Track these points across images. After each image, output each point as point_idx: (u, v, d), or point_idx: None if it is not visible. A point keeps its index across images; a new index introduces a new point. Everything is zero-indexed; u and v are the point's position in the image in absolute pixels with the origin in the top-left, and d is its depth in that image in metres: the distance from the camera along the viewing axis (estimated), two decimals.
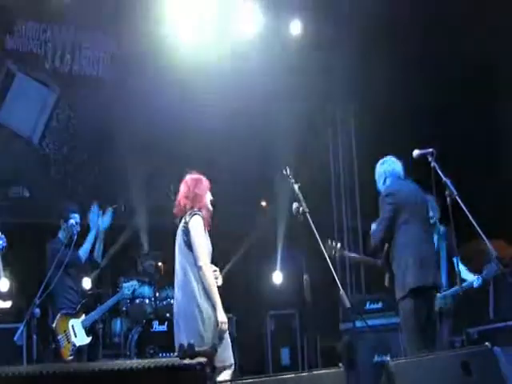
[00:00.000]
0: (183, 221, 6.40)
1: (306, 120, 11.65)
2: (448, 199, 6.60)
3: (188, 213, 6.41)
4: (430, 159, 6.68)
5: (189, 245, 6.28)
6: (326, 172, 12.85)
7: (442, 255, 8.35)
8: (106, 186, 10.92)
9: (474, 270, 8.49)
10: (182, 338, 6.07)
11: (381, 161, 7.36)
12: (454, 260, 7.76)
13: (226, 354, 6.15)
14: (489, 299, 9.37)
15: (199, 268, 6.17)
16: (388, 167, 7.26)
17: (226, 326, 6.19)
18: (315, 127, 12.27)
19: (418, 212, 7.12)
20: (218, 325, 6.11)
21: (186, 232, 6.31)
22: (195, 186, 6.54)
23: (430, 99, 10.80)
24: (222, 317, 6.14)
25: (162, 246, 10.63)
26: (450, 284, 8.27)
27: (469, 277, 8.37)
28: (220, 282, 6.40)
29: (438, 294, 7.86)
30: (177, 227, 6.55)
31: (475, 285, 8.25)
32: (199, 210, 6.44)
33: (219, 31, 10.82)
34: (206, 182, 6.64)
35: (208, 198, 6.60)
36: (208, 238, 6.44)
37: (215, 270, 6.40)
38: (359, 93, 11.93)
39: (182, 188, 6.60)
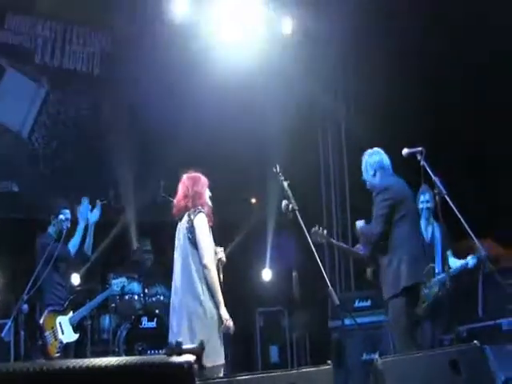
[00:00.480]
0: (186, 219, 6.36)
1: (297, 117, 11.64)
2: (437, 198, 6.61)
3: (191, 211, 6.38)
4: (419, 158, 6.67)
5: (194, 243, 6.26)
6: (316, 168, 12.83)
7: (436, 243, 8.30)
8: (95, 182, 10.87)
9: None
10: (180, 335, 6.05)
11: (370, 151, 7.26)
12: (448, 253, 7.84)
13: (218, 354, 6.13)
14: (478, 298, 9.38)
15: (204, 266, 6.16)
16: (378, 159, 7.17)
17: (231, 322, 6.20)
18: (305, 124, 12.25)
19: (411, 208, 7.13)
20: (222, 323, 6.13)
21: (191, 230, 6.28)
22: (193, 185, 6.50)
23: (421, 98, 10.79)
24: (225, 314, 6.16)
25: (151, 241, 10.64)
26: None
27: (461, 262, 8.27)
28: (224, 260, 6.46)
29: (433, 279, 7.89)
30: (174, 225, 6.54)
31: (471, 264, 8.10)
32: (201, 207, 6.43)
33: (211, 28, 10.83)
34: (203, 179, 6.61)
35: (207, 194, 6.58)
36: (211, 235, 6.44)
37: (217, 253, 6.42)
38: (350, 90, 11.94)
39: (181, 188, 6.56)
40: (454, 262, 8.26)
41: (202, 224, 6.31)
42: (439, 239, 8.24)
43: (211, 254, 6.29)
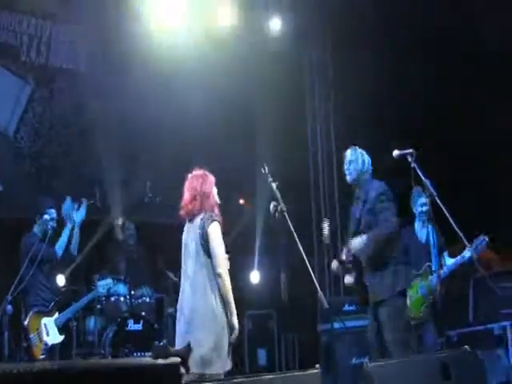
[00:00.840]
0: (199, 224, 6.28)
1: (286, 116, 11.64)
2: (428, 200, 6.62)
3: (204, 215, 6.30)
4: (410, 160, 6.64)
5: (207, 251, 6.21)
6: (305, 169, 12.82)
7: (432, 245, 8.26)
8: (81, 181, 10.85)
9: None
10: (189, 340, 5.98)
11: (361, 150, 7.30)
12: (444, 254, 7.85)
13: (227, 360, 6.16)
14: (468, 302, 9.40)
15: (218, 275, 6.15)
16: (369, 160, 7.26)
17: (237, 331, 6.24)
18: (295, 123, 12.26)
19: None
20: (232, 331, 6.15)
21: (205, 238, 6.22)
22: (202, 184, 6.40)
23: (412, 95, 10.82)
24: (236, 323, 6.19)
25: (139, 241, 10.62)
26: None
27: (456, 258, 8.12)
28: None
29: (430, 277, 7.90)
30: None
31: (467, 256, 7.86)
32: (211, 210, 6.35)
33: (200, 25, 10.88)
34: (211, 177, 6.51)
35: (215, 192, 6.50)
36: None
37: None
38: (338, 87, 11.99)
39: (188, 188, 6.45)
40: (450, 261, 8.17)
41: (217, 233, 6.25)
42: (434, 241, 8.21)
43: (226, 263, 6.28)
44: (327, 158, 12.75)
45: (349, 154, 7.28)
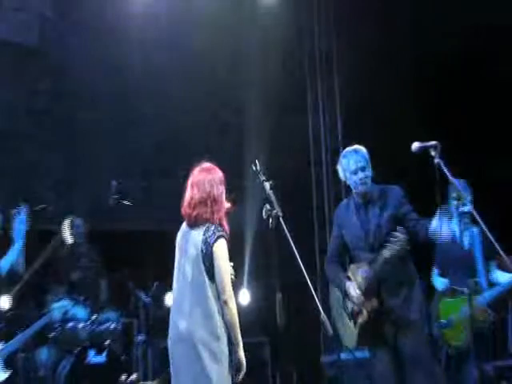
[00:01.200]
0: (202, 238, 6.19)
1: (282, 106, 11.71)
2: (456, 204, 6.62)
3: (210, 227, 6.20)
4: (433, 154, 6.56)
5: (211, 272, 6.16)
6: (305, 167, 12.89)
7: (477, 253, 8.19)
8: (29, 182, 10.80)
9: None
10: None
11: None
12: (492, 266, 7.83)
13: None
14: (507, 329, 9.38)
15: (224, 302, 6.11)
16: None
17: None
18: (293, 115, 12.33)
19: None
20: (239, 368, 6.27)
21: (208, 255, 6.15)
22: (212, 186, 6.29)
23: (419, 74, 10.94)
24: (243, 356, 6.28)
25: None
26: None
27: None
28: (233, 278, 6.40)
29: (477, 297, 7.87)
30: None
31: None
32: (220, 221, 6.28)
33: None
34: (220, 175, 6.41)
35: (224, 196, 6.36)
36: None
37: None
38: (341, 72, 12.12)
39: (195, 187, 6.32)
40: (503, 276, 8.08)
41: (223, 253, 6.17)
42: (479, 248, 8.12)
43: (231, 287, 6.19)
44: (332, 155, 12.79)
45: (356, 157, 7.22)
